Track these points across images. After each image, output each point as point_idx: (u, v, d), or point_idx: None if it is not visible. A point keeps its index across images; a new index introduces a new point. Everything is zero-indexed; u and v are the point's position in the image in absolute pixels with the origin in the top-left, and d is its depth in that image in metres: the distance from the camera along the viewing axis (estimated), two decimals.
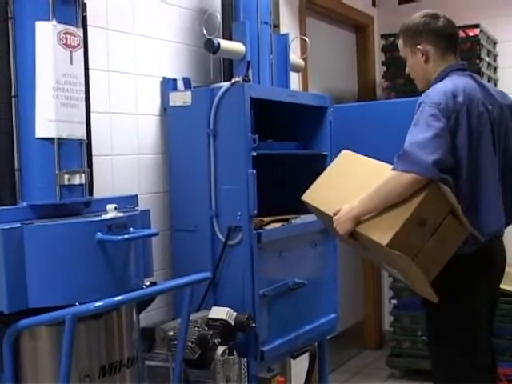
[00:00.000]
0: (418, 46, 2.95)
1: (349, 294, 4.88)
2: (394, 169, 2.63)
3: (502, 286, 3.18)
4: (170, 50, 3.46)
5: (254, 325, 3.08)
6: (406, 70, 3.10)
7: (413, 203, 2.57)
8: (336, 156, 3.09)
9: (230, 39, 3.45)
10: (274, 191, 3.61)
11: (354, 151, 2.98)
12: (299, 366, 4.26)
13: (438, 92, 2.75)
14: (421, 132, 2.65)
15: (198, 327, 2.88)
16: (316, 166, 3.66)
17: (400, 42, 3.07)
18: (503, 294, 4.82)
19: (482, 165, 2.80)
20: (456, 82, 2.83)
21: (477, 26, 4.97)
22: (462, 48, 4.99)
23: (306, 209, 3.32)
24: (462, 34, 5.01)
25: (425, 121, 2.67)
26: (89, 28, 2.55)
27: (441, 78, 2.92)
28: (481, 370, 2.92)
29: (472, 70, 4.85)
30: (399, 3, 5.85)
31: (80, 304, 2.12)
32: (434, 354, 3.01)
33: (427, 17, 2.97)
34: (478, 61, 4.95)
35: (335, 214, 2.78)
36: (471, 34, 5.00)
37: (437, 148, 2.61)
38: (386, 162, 2.74)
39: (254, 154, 3.14)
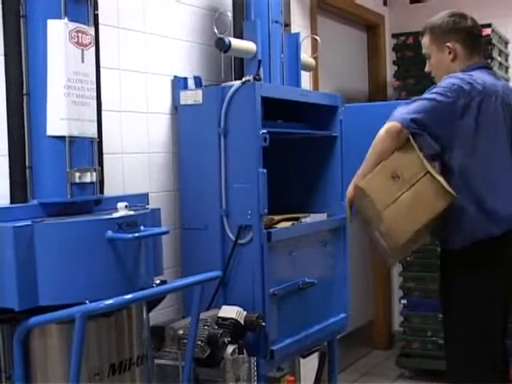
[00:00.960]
0: (448, 44, 3.00)
1: (359, 293, 4.87)
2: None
3: None
4: (181, 48, 3.46)
5: (263, 324, 3.07)
6: (426, 68, 3.14)
7: (389, 156, 2.76)
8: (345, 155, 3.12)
9: (241, 38, 3.44)
10: (285, 189, 3.61)
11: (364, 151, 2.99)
12: (309, 366, 4.25)
13: (456, 77, 2.86)
14: (416, 101, 2.82)
15: (207, 326, 2.88)
16: (326, 161, 3.68)
17: (425, 39, 3.09)
18: None
19: (495, 153, 2.88)
20: (478, 75, 2.91)
21: (489, 25, 4.94)
22: None
23: (315, 207, 3.33)
24: None
25: (427, 94, 2.82)
26: (100, 26, 2.54)
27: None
28: (494, 371, 2.93)
29: None
30: (410, 2, 5.84)
31: (90, 302, 2.12)
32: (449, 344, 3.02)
33: (456, 16, 3.04)
34: (489, 60, 4.92)
35: None
36: (483, 33, 4.96)
37: (420, 111, 2.76)
38: None
39: (265, 131, 3.11)
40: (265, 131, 3.12)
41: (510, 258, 2.94)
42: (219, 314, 3.01)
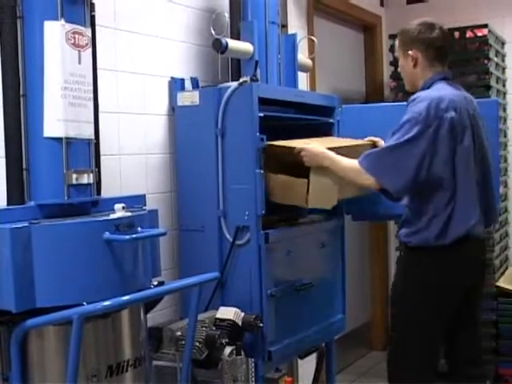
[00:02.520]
0: (409, 52, 3.18)
1: (356, 294, 4.88)
2: (361, 163, 3.02)
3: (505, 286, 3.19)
4: (178, 49, 3.46)
5: (261, 325, 3.07)
6: (398, 69, 3.35)
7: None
8: None
9: (238, 39, 3.44)
10: None
11: None
12: (306, 367, 4.25)
13: (423, 100, 3.00)
14: (396, 138, 2.97)
15: (205, 327, 2.88)
16: None
17: (396, 43, 3.31)
18: (508, 294, 4.84)
19: (463, 168, 3.02)
20: (440, 90, 3.07)
21: (485, 25, 4.95)
22: (471, 48, 5.01)
23: (313, 209, 3.33)
24: (470, 34, 5.00)
25: (402, 128, 2.97)
26: (97, 28, 2.54)
27: (427, 86, 3.13)
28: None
29: (480, 71, 4.92)
30: (407, 3, 5.85)
31: (87, 304, 2.12)
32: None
33: (423, 26, 3.17)
34: (486, 61, 4.94)
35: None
36: (479, 34, 4.98)
37: (405, 169, 2.94)
38: None
39: (261, 114, 3.13)
40: (261, 114, 3.13)
41: (470, 260, 3.12)
42: (217, 315, 3.01)
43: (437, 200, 3.00)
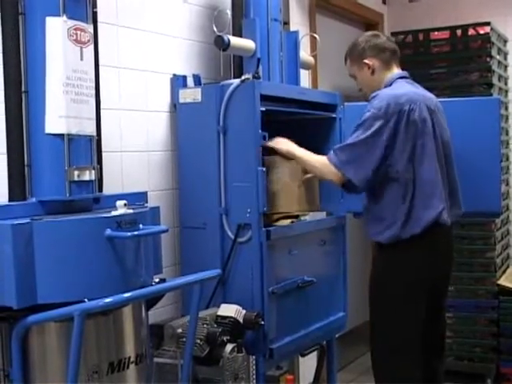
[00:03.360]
0: (365, 61, 3.31)
1: (357, 292, 4.85)
2: (329, 158, 3.15)
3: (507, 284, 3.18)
4: (180, 46, 3.46)
5: (262, 322, 3.07)
6: (357, 87, 3.46)
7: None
8: None
9: (240, 36, 3.44)
10: None
11: None
12: (307, 364, 4.25)
13: (382, 97, 3.13)
14: (359, 133, 3.10)
15: (206, 324, 2.88)
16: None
17: (347, 64, 3.43)
18: (509, 293, 4.84)
19: (425, 160, 3.11)
20: (400, 88, 3.21)
21: (487, 23, 4.94)
22: (473, 46, 5.00)
23: None
24: (472, 31, 4.99)
25: (365, 124, 3.10)
26: (99, 24, 2.54)
27: (387, 85, 3.27)
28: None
29: (482, 68, 4.91)
30: (409, 1, 5.83)
31: (89, 300, 2.12)
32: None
33: (369, 36, 3.41)
34: (488, 59, 4.93)
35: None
36: (482, 31, 4.97)
37: (367, 161, 3.06)
38: None
39: (263, 109, 3.14)
40: (263, 109, 3.14)
41: (439, 247, 3.22)
42: (218, 313, 3.01)
43: (396, 193, 3.10)
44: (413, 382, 3.12)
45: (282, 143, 3.31)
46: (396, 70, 3.33)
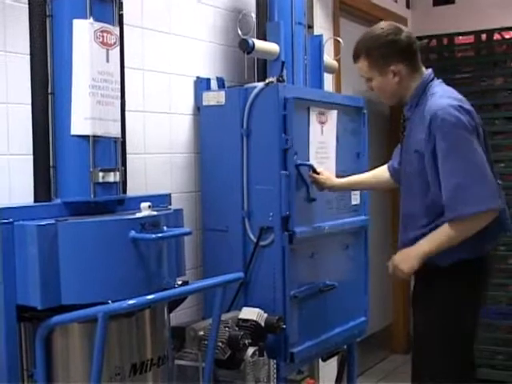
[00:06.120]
0: (390, 68, 2.86)
1: (378, 297, 4.86)
2: (451, 220, 2.68)
3: None
4: (204, 49, 3.46)
5: (284, 326, 3.06)
6: (369, 88, 3.02)
7: None
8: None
9: (265, 39, 3.44)
10: None
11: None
12: (328, 369, 4.24)
13: (448, 110, 2.73)
14: (459, 161, 2.68)
15: (228, 327, 2.88)
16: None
17: (362, 64, 2.98)
18: None
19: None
20: (448, 92, 2.86)
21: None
22: (498, 50, 4.97)
23: None
24: (497, 36, 4.97)
25: (458, 147, 2.69)
26: (125, 26, 2.54)
27: (420, 92, 2.89)
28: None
29: (507, 73, 4.88)
30: (434, 5, 5.80)
31: (112, 302, 2.12)
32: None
33: (391, 35, 2.87)
34: None
35: None
36: (507, 36, 4.95)
37: (483, 174, 2.68)
38: None
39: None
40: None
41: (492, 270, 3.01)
42: (240, 316, 3.00)
43: None
44: None
45: (402, 262, 2.85)
46: (423, 69, 2.94)
